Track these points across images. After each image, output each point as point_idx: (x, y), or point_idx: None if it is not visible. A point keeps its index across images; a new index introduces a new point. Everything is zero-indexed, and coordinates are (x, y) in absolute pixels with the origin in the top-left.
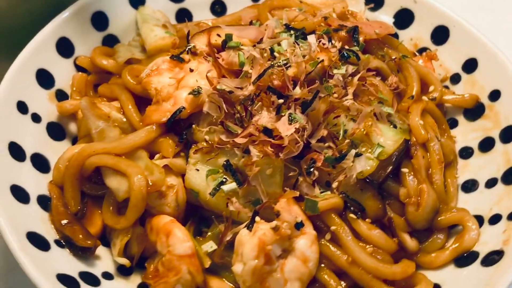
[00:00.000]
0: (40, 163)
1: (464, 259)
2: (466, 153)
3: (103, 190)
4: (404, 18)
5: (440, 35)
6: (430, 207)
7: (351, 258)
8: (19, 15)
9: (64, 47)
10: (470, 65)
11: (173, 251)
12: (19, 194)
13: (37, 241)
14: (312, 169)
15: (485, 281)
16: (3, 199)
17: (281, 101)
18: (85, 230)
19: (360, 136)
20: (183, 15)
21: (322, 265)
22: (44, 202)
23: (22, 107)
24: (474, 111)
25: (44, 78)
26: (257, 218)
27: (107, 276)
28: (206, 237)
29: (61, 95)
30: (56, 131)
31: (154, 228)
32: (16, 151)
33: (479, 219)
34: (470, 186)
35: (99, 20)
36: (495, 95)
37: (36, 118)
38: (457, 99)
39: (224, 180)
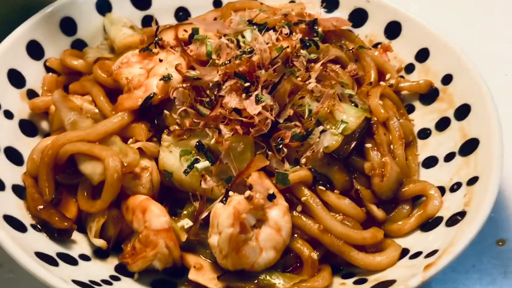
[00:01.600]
0: (13, 156)
1: (429, 224)
2: (424, 134)
3: (77, 179)
4: (358, 17)
5: (393, 29)
6: (394, 177)
7: (322, 226)
8: None
9: (34, 50)
10: (422, 55)
11: (150, 226)
12: None
13: (14, 223)
14: (281, 146)
15: (450, 239)
16: None
17: (247, 84)
18: (60, 213)
19: (325, 115)
20: (149, 22)
21: (295, 235)
22: (19, 191)
23: None
24: (429, 96)
25: (15, 78)
26: (231, 193)
27: (84, 257)
28: (181, 216)
29: (32, 95)
30: (28, 127)
31: (130, 207)
32: None
33: (441, 189)
34: (430, 162)
35: (68, 25)
36: (447, 79)
37: (8, 114)
38: (413, 85)
39: (197, 159)
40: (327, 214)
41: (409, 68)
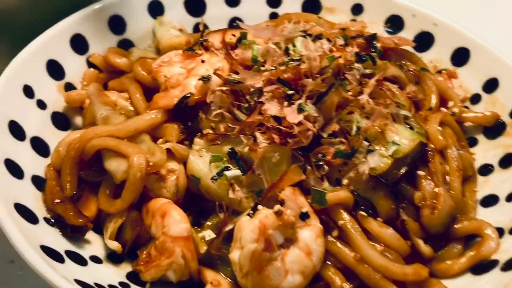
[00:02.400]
0: (40, 146)
1: (482, 267)
2: (486, 170)
3: (102, 177)
4: (424, 40)
5: (460, 56)
6: (446, 211)
7: (359, 255)
8: (38, 10)
9: (78, 44)
10: (491, 85)
11: (167, 232)
12: (13, 168)
13: (25, 212)
14: (321, 163)
15: (504, 284)
16: None
17: (291, 92)
18: (77, 209)
19: (374, 134)
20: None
21: (328, 262)
22: (38, 182)
23: (28, 91)
24: (494, 129)
25: (54, 69)
26: (259, 207)
27: (95, 259)
28: (204, 227)
29: (69, 88)
30: (61, 120)
31: (150, 210)
32: (15, 129)
33: (500, 231)
34: (490, 201)
35: (116, 24)
36: None
37: (41, 104)
38: (477, 117)
39: (227, 167)
40: (366, 242)
41: (475, 99)
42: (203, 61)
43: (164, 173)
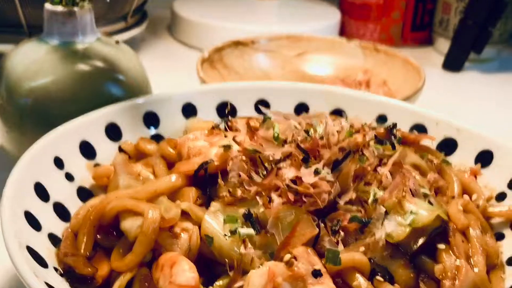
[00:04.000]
0: (61, 211)
1: None
2: None
3: (117, 241)
4: (447, 146)
5: (484, 158)
6: (469, 283)
7: None
8: (88, 102)
9: (112, 131)
10: None
11: (174, 281)
12: (31, 220)
13: (35, 256)
14: (337, 227)
15: None
16: (14, 215)
17: (309, 158)
18: (87, 261)
19: (392, 204)
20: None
21: None
22: (55, 240)
23: (58, 163)
24: None
25: (87, 149)
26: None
27: None
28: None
29: None
30: (85, 195)
31: (160, 263)
32: (40, 191)
33: None
34: None
35: (151, 119)
36: None
37: (69, 177)
38: (503, 211)
39: (242, 226)
40: None
41: (500, 197)
42: (226, 136)
43: (178, 231)
